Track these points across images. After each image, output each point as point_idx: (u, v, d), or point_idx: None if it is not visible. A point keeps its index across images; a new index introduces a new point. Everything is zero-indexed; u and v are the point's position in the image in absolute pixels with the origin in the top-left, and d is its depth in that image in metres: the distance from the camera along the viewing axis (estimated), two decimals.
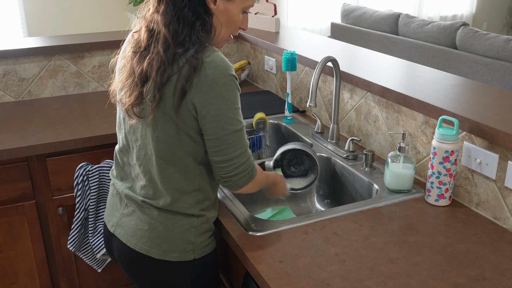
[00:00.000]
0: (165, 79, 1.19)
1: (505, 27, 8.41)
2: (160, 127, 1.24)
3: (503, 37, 4.38)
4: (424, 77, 1.82)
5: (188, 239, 1.31)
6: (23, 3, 5.35)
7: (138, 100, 1.24)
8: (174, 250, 1.30)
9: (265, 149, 2.14)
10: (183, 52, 1.19)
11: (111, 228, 1.40)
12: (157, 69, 1.20)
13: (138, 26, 1.31)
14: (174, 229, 1.30)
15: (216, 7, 1.25)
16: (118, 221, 1.38)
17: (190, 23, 1.22)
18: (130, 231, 1.34)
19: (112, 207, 1.43)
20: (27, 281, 2.06)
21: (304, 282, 1.14)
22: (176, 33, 1.20)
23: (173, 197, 1.29)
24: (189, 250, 1.31)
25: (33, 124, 2.10)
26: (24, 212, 1.97)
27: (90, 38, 2.56)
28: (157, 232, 1.30)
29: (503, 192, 1.37)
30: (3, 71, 2.37)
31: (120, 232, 1.37)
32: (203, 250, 1.34)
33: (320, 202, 1.84)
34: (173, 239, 1.30)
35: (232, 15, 1.29)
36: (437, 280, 1.15)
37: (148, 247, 1.31)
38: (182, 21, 1.21)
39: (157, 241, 1.30)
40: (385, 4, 7.27)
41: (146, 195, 1.32)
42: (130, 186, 1.37)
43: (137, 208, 1.34)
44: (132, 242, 1.33)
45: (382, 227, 1.36)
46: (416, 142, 1.64)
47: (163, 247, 1.30)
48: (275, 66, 2.46)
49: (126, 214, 1.37)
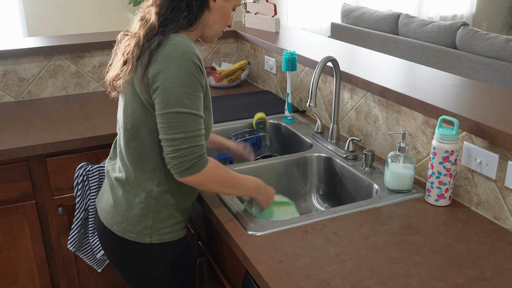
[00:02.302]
0: (140, 52, 1.27)
1: (505, 27, 8.41)
2: (129, 100, 1.33)
3: (503, 37, 4.38)
4: (424, 77, 1.82)
5: (145, 223, 1.38)
6: (23, 3, 5.35)
7: (119, 75, 1.34)
8: (131, 230, 1.38)
9: (265, 149, 2.14)
10: (161, 31, 1.28)
11: (97, 201, 1.54)
12: (134, 44, 1.30)
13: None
14: (133, 210, 1.38)
15: (216, 4, 1.34)
16: (100, 196, 1.52)
17: (179, 12, 1.30)
18: (103, 206, 1.46)
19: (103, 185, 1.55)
20: (27, 281, 2.06)
21: (304, 282, 1.14)
22: (165, 20, 1.29)
23: (135, 171, 1.36)
24: (146, 233, 1.38)
25: (33, 124, 2.10)
26: (24, 212, 1.97)
27: (90, 38, 2.56)
28: (120, 210, 1.40)
29: (503, 192, 1.37)
30: (3, 71, 2.37)
31: (99, 205, 1.50)
32: (162, 237, 1.39)
33: (320, 202, 1.84)
34: (131, 219, 1.38)
35: (226, 11, 1.38)
36: (437, 280, 1.15)
37: (111, 223, 1.42)
38: (175, 11, 1.30)
39: (118, 219, 1.40)
40: (385, 4, 7.27)
41: (118, 170, 1.42)
42: (114, 163, 1.47)
43: (110, 185, 1.45)
44: (102, 215, 1.45)
45: (382, 227, 1.36)
46: (416, 142, 1.64)
47: (122, 226, 1.39)
48: (275, 66, 2.46)
49: (105, 190, 1.50)
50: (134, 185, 1.37)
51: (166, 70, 1.23)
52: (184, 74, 1.24)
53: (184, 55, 1.24)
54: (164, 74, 1.23)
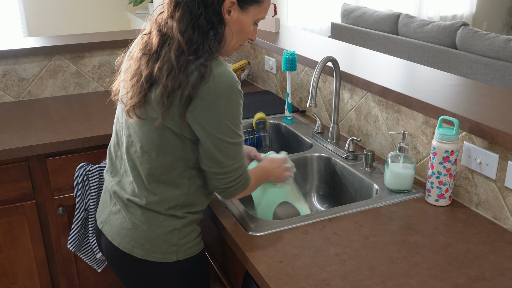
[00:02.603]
0: (176, 85, 1.19)
1: (505, 27, 8.41)
2: (152, 127, 1.25)
3: (503, 37, 4.38)
4: (424, 77, 1.82)
5: (171, 240, 1.31)
6: (23, 3, 5.35)
7: (141, 102, 1.24)
8: (156, 250, 1.31)
9: (265, 149, 2.14)
10: (193, 60, 1.20)
11: (99, 224, 1.43)
12: (167, 74, 1.20)
13: (149, 28, 1.30)
14: (157, 230, 1.31)
15: (230, 17, 1.26)
16: (106, 219, 1.40)
17: (204, 32, 1.22)
18: (116, 229, 1.35)
19: (103, 203, 1.45)
20: (27, 281, 2.06)
21: (304, 282, 1.14)
22: (190, 41, 1.21)
23: (158, 197, 1.30)
24: (171, 251, 1.32)
25: (33, 124, 2.10)
26: (24, 212, 1.97)
27: (90, 38, 2.56)
28: (140, 232, 1.31)
29: (503, 192, 1.37)
30: (3, 71, 2.37)
31: (107, 229, 1.38)
32: (188, 252, 1.34)
33: (320, 202, 1.84)
34: (155, 239, 1.31)
35: (244, 25, 1.29)
36: (437, 280, 1.15)
37: (131, 246, 1.32)
38: (197, 30, 1.21)
39: (140, 241, 1.31)
40: (385, 4, 7.27)
41: (132, 192, 1.33)
42: (119, 181, 1.38)
43: (123, 206, 1.35)
44: (117, 240, 1.34)
45: (382, 227, 1.36)
46: (416, 142, 1.64)
47: (145, 247, 1.31)
48: (275, 66, 2.46)
49: (113, 212, 1.38)
50: (155, 207, 1.30)
51: (214, 107, 1.20)
52: (234, 107, 1.22)
53: (231, 88, 1.21)
54: (215, 112, 1.20)
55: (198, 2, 1.21)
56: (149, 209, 1.31)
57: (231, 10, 1.25)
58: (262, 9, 1.31)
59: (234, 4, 1.24)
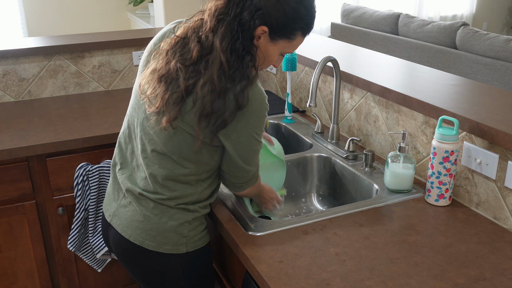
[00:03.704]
0: (215, 110, 1.20)
1: (505, 27, 8.41)
2: (181, 135, 1.27)
3: (503, 37, 4.38)
4: (424, 77, 1.82)
5: (182, 232, 1.34)
6: (23, 3, 5.35)
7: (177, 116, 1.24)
8: (167, 242, 1.33)
9: None
10: (231, 87, 1.20)
11: (108, 217, 1.43)
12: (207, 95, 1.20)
13: (183, 31, 1.27)
14: (168, 222, 1.33)
15: (258, 43, 1.26)
16: (115, 211, 1.41)
17: (240, 57, 1.22)
18: (126, 221, 1.36)
19: (110, 197, 1.46)
20: (27, 281, 2.06)
21: (304, 282, 1.14)
22: (228, 63, 1.20)
23: (172, 194, 1.32)
24: (182, 243, 1.34)
25: (33, 124, 2.10)
26: (24, 212, 1.97)
27: (90, 38, 2.56)
28: (152, 224, 1.33)
29: (503, 192, 1.37)
30: (3, 71, 2.37)
31: (116, 222, 1.39)
32: (196, 243, 1.37)
33: (320, 202, 1.84)
34: (166, 231, 1.33)
35: (270, 54, 1.29)
36: (437, 280, 1.15)
37: (142, 238, 1.34)
38: (235, 53, 1.21)
39: (151, 233, 1.33)
40: (385, 4, 7.27)
41: (145, 187, 1.34)
42: (130, 175, 1.39)
43: (134, 199, 1.36)
44: (127, 233, 1.36)
45: (382, 227, 1.36)
46: (416, 142, 1.64)
47: (156, 239, 1.33)
48: None
49: (123, 205, 1.39)
50: (169, 203, 1.33)
51: (244, 122, 1.24)
52: (261, 121, 1.28)
53: (261, 105, 1.25)
54: (244, 126, 1.25)
55: (237, 24, 1.21)
56: (161, 203, 1.33)
57: (260, 37, 1.25)
58: (291, 45, 1.30)
59: (266, 33, 1.24)
